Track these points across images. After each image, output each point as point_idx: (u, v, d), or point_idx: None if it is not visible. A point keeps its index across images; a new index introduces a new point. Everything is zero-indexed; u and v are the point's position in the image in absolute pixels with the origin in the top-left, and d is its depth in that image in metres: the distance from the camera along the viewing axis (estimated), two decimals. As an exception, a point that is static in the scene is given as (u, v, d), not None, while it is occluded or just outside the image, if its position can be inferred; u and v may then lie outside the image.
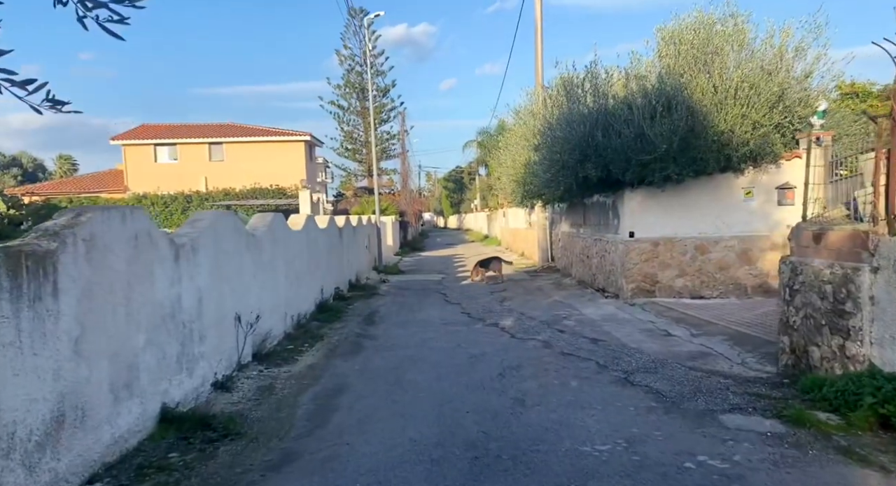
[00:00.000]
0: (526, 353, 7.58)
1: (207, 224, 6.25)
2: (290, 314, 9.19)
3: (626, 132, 9.91)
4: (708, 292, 10.63)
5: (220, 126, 37.57)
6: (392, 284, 16.47)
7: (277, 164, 34.59)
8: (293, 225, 10.38)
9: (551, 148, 10.95)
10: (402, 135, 44.89)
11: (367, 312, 11.57)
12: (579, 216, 15.33)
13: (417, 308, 11.89)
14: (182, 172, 34.32)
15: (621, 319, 9.57)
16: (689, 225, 10.72)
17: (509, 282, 15.87)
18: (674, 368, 6.49)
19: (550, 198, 14.34)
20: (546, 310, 10.87)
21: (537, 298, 12.61)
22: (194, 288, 5.74)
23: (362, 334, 9.38)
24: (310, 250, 10.81)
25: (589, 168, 10.29)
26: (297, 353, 7.94)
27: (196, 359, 5.68)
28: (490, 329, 9.31)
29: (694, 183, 10.43)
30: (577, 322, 9.52)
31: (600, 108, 10.51)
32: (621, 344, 7.76)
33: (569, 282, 14.99)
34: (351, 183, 53.29)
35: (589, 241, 14.06)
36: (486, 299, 12.76)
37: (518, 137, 15.59)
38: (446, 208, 79.71)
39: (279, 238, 8.85)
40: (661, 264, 10.86)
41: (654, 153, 9.62)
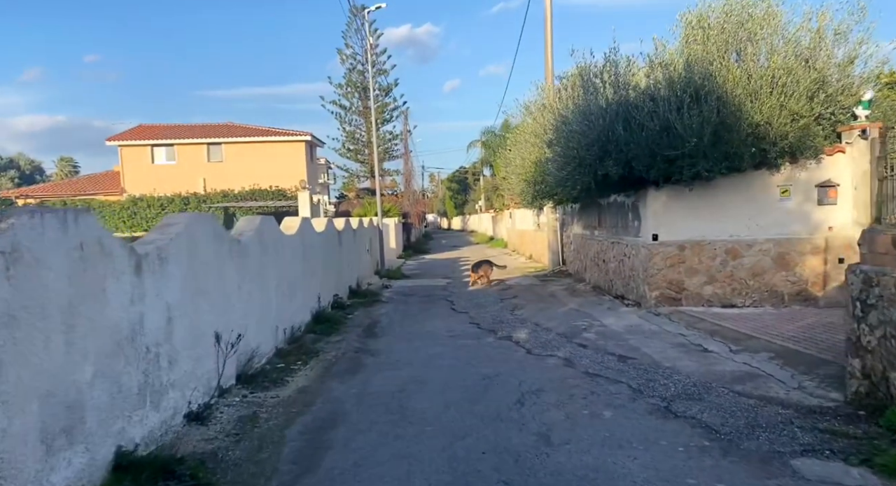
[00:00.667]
0: (546, 373, 6.70)
1: (180, 229, 5.40)
2: (283, 327, 8.34)
3: (650, 125, 9.04)
4: (740, 300, 9.74)
5: (218, 126, 36.82)
6: (395, 289, 15.61)
7: (277, 165, 33.82)
8: (286, 229, 9.54)
9: (567, 143, 10.08)
10: (405, 135, 44.07)
11: (368, 322, 10.71)
12: (593, 218, 14.45)
13: (422, 318, 11.02)
14: (180, 174, 33.59)
15: (648, 331, 8.69)
16: (718, 227, 9.83)
17: (519, 288, 14.99)
18: (720, 393, 5.61)
19: (565, 198, 13.47)
20: (563, 320, 9.99)
21: (551, 306, 11.73)
22: (162, 305, 4.89)
23: (362, 348, 8.52)
24: (305, 255, 9.97)
25: (609, 165, 9.41)
26: (289, 372, 7.08)
27: (164, 388, 4.83)
28: (503, 344, 8.44)
29: (724, 181, 9.54)
30: (598, 335, 8.64)
31: (621, 99, 9.64)
32: (653, 362, 6.88)
33: (583, 288, 14.10)
34: (353, 184, 52.51)
35: (605, 244, 13.17)
36: (496, 307, 11.89)
37: (528, 134, 14.73)
38: (450, 210, 78.87)
39: (269, 244, 8.00)
40: (687, 270, 9.97)
41: (683, 148, 8.74)
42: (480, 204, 56.55)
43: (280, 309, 8.28)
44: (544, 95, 15.17)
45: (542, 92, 15.48)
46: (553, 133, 11.21)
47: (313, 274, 10.42)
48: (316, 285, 10.58)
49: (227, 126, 36.98)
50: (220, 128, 36.59)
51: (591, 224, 14.63)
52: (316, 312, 10.30)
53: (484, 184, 54.91)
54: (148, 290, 4.66)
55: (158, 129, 36.12)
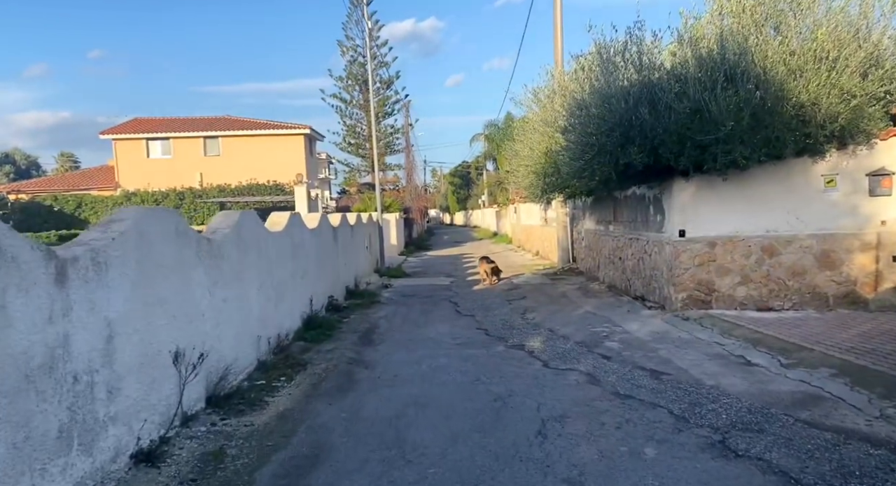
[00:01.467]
0: (567, 393, 5.73)
1: (128, 226, 4.43)
2: (267, 337, 7.38)
3: (678, 108, 8.03)
4: (778, 302, 8.74)
5: (215, 119, 35.86)
6: (395, 289, 14.65)
7: (276, 158, 32.86)
8: (273, 225, 8.57)
9: (583, 130, 9.08)
10: (407, 128, 43.03)
11: (365, 327, 9.75)
12: (607, 212, 13.45)
13: (424, 322, 10.06)
14: (176, 168, 32.65)
15: (678, 339, 7.70)
16: (753, 221, 8.83)
17: (527, 287, 14.01)
18: (784, 423, 4.63)
19: (579, 190, 12.46)
20: (579, 325, 9.02)
21: (565, 308, 10.75)
22: (99, 321, 3.93)
23: (356, 359, 7.56)
24: (295, 254, 9.01)
25: (632, 153, 8.41)
26: (270, 391, 6.12)
27: (101, 425, 3.87)
28: (515, 354, 7.47)
29: (759, 170, 8.54)
30: (622, 344, 7.67)
31: (644, 80, 8.63)
32: (693, 380, 5.90)
33: (597, 287, 13.11)
34: (354, 179, 51.50)
35: (622, 240, 12.18)
36: (504, 309, 10.91)
37: (537, 122, 13.71)
38: (452, 205, 77.86)
39: (250, 242, 7.04)
40: (718, 269, 8.98)
41: (716, 133, 7.74)
42: (483, 199, 55.56)
43: (264, 316, 7.33)
44: (554, 80, 14.13)
45: (552, 77, 14.45)
46: (567, 119, 10.20)
47: (304, 275, 9.46)
48: (307, 286, 9.62)
49: (224, 119, 36.01)
50: (217, 121, 35.62)
51: (606, 219, 13.63)
52: (307, 316, 9.35)
53: (487, 178, 53.89)
54: (76, 303, 3.69)
55: (154, 122, 35.16)
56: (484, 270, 14.89)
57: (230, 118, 36.09)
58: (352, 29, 42.81)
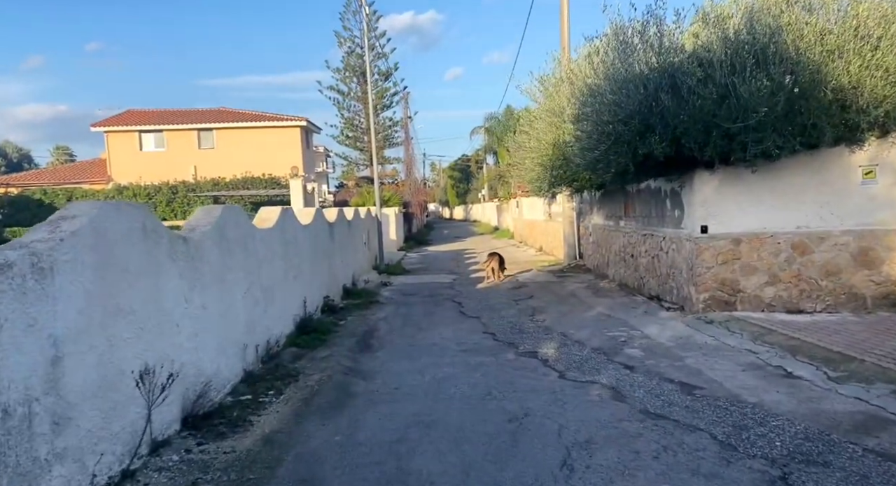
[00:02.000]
0: (591, 411, 5.08)
1: (82, 224, 3.76)
2: (255, 344, 6.72)
3: (703, 93, 7.35)
4: (809, 304, 8.09)
5: (210, 111, 35.09)
6: (395, 287, 13.99)
7: (271, 152, 32.13)
8: (262, 222, 7.89)
9: (598, 118, 8.39)
10: (406, 121, 42.26)
11: (363, 330, 9.09)
12: (618, 207, 12.78)
13: (427, 324, 9.40)
14: (170, 161, 31.90)
15: (705, 346, 7.05)
16: (782, 216, 8.17)
17: (533, 285, 13.36)
18: (852, 454, 3.98)
19: (591, 183, 11.80)
20: (594, 329, 8.36)
21: (576, 309, 10.09)
22: (40, 341, 3.26)
23: (352, 368, 6.91)
24: (287, 253, 8.34)
25: (653, 143, 7.73)
26: (256, 408, 5.47)
27: (42, 467, 3.21)
28: (527, 362, 6.81)
29: (791, 161, 7.87)
30: (644, 351, 7.01)
31: (665, 63, 7.94)
32: (731, 396, 5.25)
33: (607, 286, 12.46)
34: (352, 173, 50.80)
35: (635, 237, 11.51)
36: (512, 310, 10.25)
37: (544, 111, 13.02)
38: (452, 199, 77.12)
39: (235, 240, 6.36)
40: (744, 268, 8.32)
41: (747, 120, 7.07)
42: (483, 193, 54.86)
43: (251, 322, 6.66)
44: (561, 67, 13.43)
45: (559, 64, 13.74)
46: (579, 107, 9.51)
47: (297, 275, 8.80)
48: (301, 287, 8.96)
49: (219, 111, 35.23)
50: (212, 113, 34.84)
51: (616, 214, 12.97)
52: (300, 320, 8.68)
53: (487, 172, 53.17)
54: (7, 321, 3.02)
55: (147, 114, 34.38)
56: (490, 267, 14.23)
57: (225, 110, 35.32)
58: (349, 19, 41.97)
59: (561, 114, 12.50)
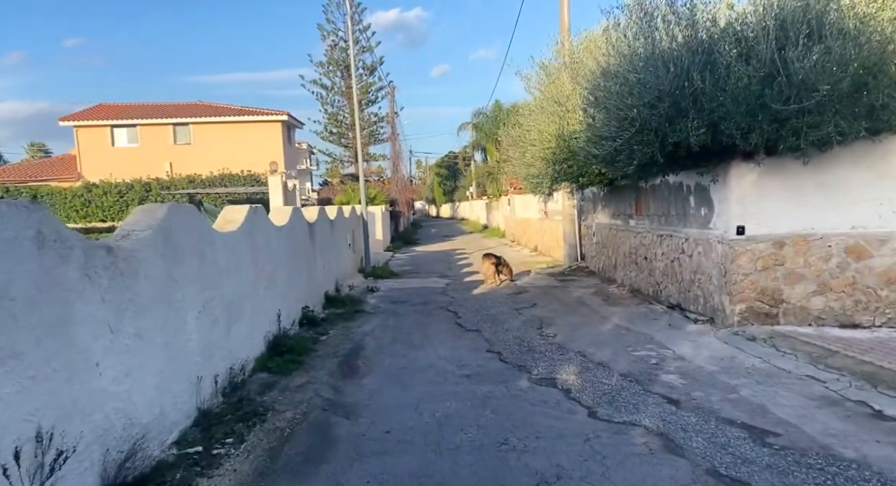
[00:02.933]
0: (643, 472, 3.90)
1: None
2: (213, 374, 5.47)
3: (745, 71, 6.23)
4: (867, 317, 7.01)
5: (186, 105, 33.50)
6: (383, 294, 12.76)
7: (251, 147, 30.67)
8: (226, 223, 6.64)
9: (619, 102, 7.23)
10: (392, 116, 40.95)
11: (347, 348, 7.87)
12: (627, 204, 11.67)
13: (420, 339, 8.20)
14: (143, 157, 30.34)
15: (754, 370, 5.93)
16: (834, 215, 7.09)
17: (535, 290, 12.20)
18: None
19: (606, 178, 10.63)
20: (616, 346, 7.21)
21: (589, 320, 8.94)
22: None
23: (334, 402, 5.69)
24: (257, 259, 7.09)
25: (687, 129, 6.59)
26: (207, 466, 4.23)
27: None
28: (546, 394, 5.64)
29: (844, 150, 6.80)
30: (684, 377, 5.87)
31: (698, 37, 6.81)
32: (819, 447, 4.11)
33: (617, 292, 11.33)
34: (337, 170, 49.38)
35: (649, 237, 10.40)
36: (515, 321, 9.08)
37: (546, 101, 11.86)
38: (439, 196, 75.87)
39: (186, 248, 5.11)
40: (787, 275, 7.22)
41: (804, 101, 5.95)
42: (472, 190, 53.71)
43: (208, 347, 5.42)
44: (564, 52, 12.29)
45: (561, 48, 12.59)
46: (591, 91, 8.35)
47: (270, 284, 7.55)
48: (274, 298, 7.71)
49: (196, 105, 33.66)
50: (189, 107, 33.27)
51: (625, 212, 11.85)
52: (274, 337, 7.44)
53: (475, 169, 52.01)
54: None
55: (119, 108, 32.72)
56: (488, 268, 13.08)
57: (202, 104, 33.75)
58: (333, 12, 40.63)
59: (565, 102, 11.37)
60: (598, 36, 10.22)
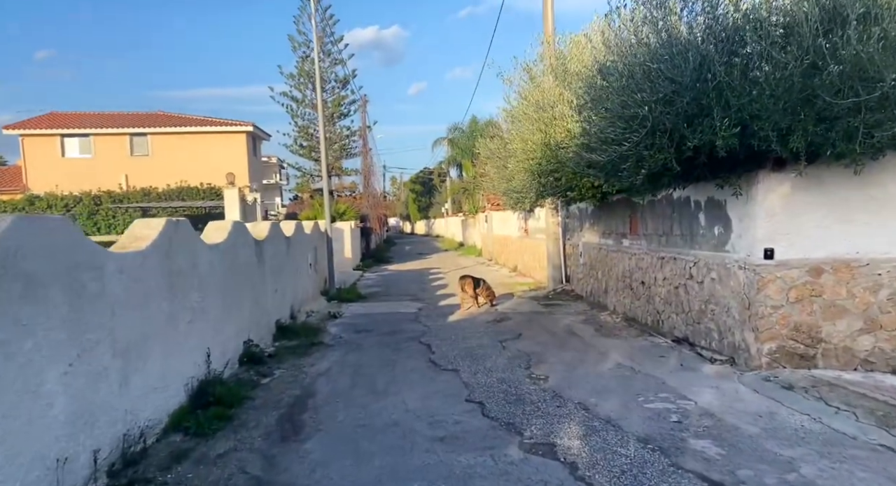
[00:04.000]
0: None
1: None
2: (94, 449, 3.99)
3: (784, 59, 5.05)
4: (926, 361, 5.82)
5: (145, 115, 31.70)
6: (347, 320, 11.29)
7: (214, 160, 28.93)
8: (130, 242, 5.18)
9: (628, 98, 5.99)
10: (364, 130, 39.63)
11: (293, 395, 6.40)
12: (619, 222, 10.48)
13: (385, 383, 6.77)
14: (97, 169, 28.38)
15: (805, 432, 4.65)
16: (884, 236, 5.93)
17: (518, 317, 10.87)
18: None
19: (601, 192, 9.40)
20: (624, 395, 5.88)
21: (584, 357, 7.61)
22: None
23: (262, 481, 4.22)
24: (176, 285, 5.62)
25: (711, 130, 5.38)
26: None
27: None
28: (545, 470, 4.25)
29: (895, 160, 5.64)
30: (718, 443, 4.55)
31: (718, 22, 5.63)
32: None
33: (610, 320, 10.05)
34: (307, 185, 47.79)
35: (647, 260, 9.18)
36: (499, 358, 7.70)
37: (530, 107, 10.65)
38: (413, 213, 74.56)
39: (49, 278, 3.65)
40: (827, 308, 6.02)
41: (861, 95, 4.78)
42: (447, 207, 52.52)
43: (85, 412, 3.94)
44: (548, 48, 11.15)
45: (544, 50, 11.45)
46: (589, 90, 7.12)
47: (197, 316, 6.07)
48: (203, 333, 6.23)
49: (155, 115, 31.87)
50: (148, 117, 31.45)
51: (617, 231, 10.65)
52: (199, 383, 5.95)
53: (451, 185, 50.88)
54: None
55: (72, 117, 30.73)
56: (465, 292, 11.76)
57: (162, 114, 31.98)
58: (304, 23, 39.31)
59: (551, 108, 10.18)
60: (591, 32, 9.07)
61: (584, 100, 7.27)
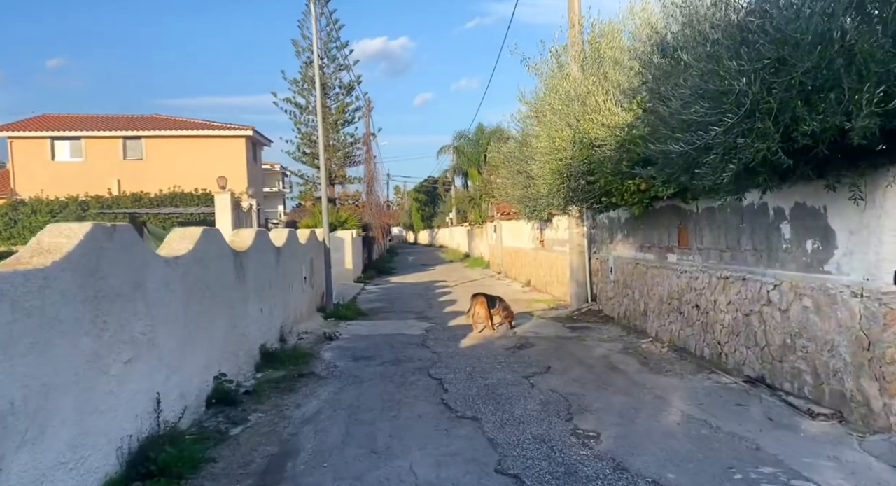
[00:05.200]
0: None
1: None
2: None
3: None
4: None
5: (140, 118, 30.47)
6: (344, 343, 9.79)
7: (212, 165, 27.51)
8: (31, 257, 3.70)
9: (706, 75, 4.51)
10: (368, 137, 38.28)
11: (266, 457, 4.88)
12: (662, 233, 8.98)
13: (386, 439, 5.24)
14: (88, 173, 27.06)
15: None
16: None
17: (542, 343, 9.34)
18: None
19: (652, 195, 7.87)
20: (709, 468, 4.34)
21: (638, 401, 6.06)
22: None
23: None
24: (105, 315, 4.13)
25: (845, 110, 3.90)
26: None
27: None
28: None
29: None
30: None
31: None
32: None
33: (654, 350, 8.50)
34: (310, 193, 46.49)
35: (702, 279, 7.66)
36: (530, 402, 6.17)
37: (558, 101, 9.18)
38: (417, 222, 73.10)
39: None
40: (983, 352, 4.48)
41: None
42: (451, 216, 51.04)
43: None
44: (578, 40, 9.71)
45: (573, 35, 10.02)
46: (647, 69, 5.66)
47: (140, 354, 4.58)
48: (152, 373, 4.75)
49: (151, 118, 30.61)
50: (143, 120, 30.19)
51: (660, 243, 9.14)
52: (141, 444, 4.45)
53: (456, 194, 49.44)
54: None
55: (64, 119, 29.46)
56: (479, 312, 10.29)
57: (158, 117, 30.72)
58: (308, 27, 38.08)
59: (582, 100, 8.75)
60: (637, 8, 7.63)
61: (643, 79, 5.79)
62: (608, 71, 8.40)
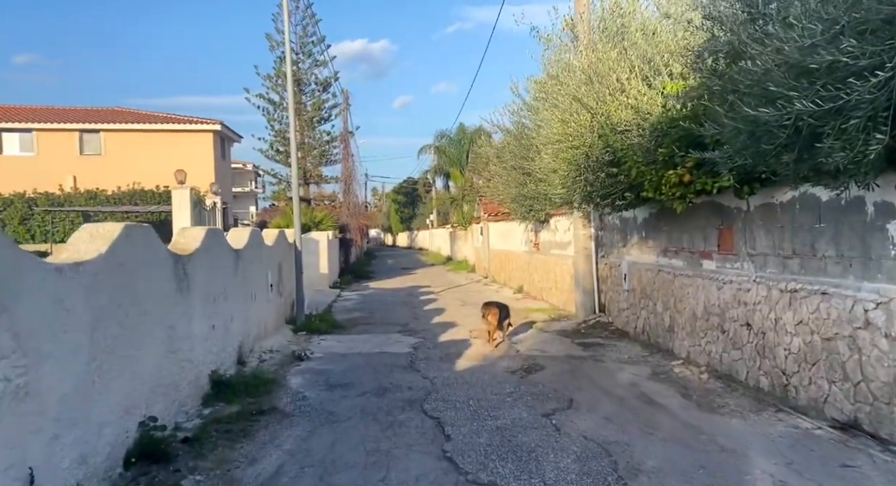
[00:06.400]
0: None
1: None
2: None
3: None
4: None
5: (99, 111, 28.40)
6: (316, 365, 8.20)
7: (176, 161, 25.29)
8: None
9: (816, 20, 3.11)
10: (345, 132, 36.57)
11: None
12: (696, 234, 7.61)
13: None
14: (40, 168, 24.90)
15: None
16: None
17: (553, 365, 7.88)
18: None
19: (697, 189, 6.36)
20: None
21: (706, 460, 4.61)
22: None
23: None
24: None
25: None
26: None
27: None
28: None
29: None
30: None
31: None
32: None
33: (691, 376, 7.09)
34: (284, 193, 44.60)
35: (759, 291, 6.26)
36: (562, 457, 4.67)
37: (573, 78, 7.76)
38: (395, 224, 71.44)
39: None
40: None
41: None
42: (432, 218, 49.56)
43: None
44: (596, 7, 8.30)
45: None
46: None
47: (2, 411, 2.97)
48: (18, 439, 3.13)
49: (111, 111, 28.54)
50: (102, 112, 28.11)
51: (692, 247, 7.76)
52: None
53: (437, 196, 47.96)
54: None
55: (14, 110, 27.22)
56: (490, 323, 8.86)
57: (119, 110, 28.67)
58: (283, 22, 36.34)
59: (601, 79, 7.37)
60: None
61: (707, 36, 4.35)
62: (638, 40, 7.00)
